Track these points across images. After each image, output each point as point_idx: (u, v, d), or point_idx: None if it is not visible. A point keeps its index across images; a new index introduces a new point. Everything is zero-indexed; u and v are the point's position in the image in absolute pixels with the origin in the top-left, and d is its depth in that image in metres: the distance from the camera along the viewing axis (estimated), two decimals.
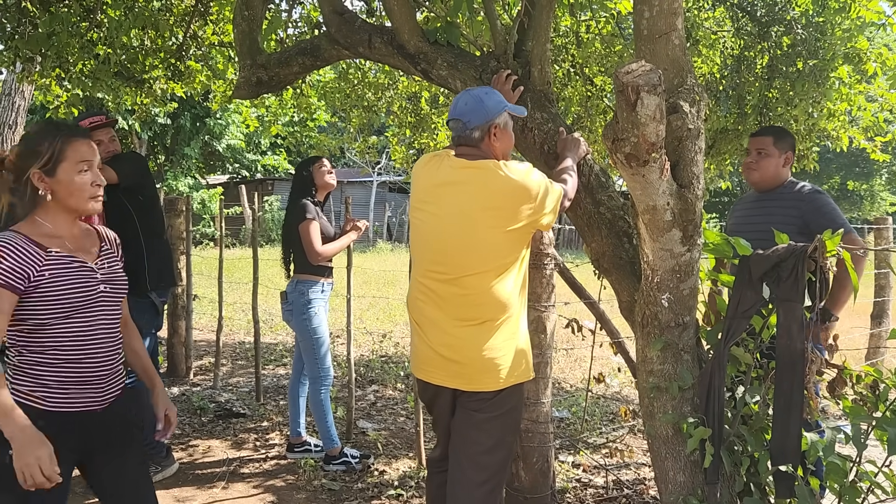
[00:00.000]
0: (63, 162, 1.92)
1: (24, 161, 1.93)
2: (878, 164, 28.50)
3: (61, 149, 1.91)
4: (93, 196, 1.96)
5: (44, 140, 1.92)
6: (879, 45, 5.43)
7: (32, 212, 1.94)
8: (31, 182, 1.91)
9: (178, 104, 14.28)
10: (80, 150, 1.94)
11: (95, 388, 1.97)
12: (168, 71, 5.96)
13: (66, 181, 1.92)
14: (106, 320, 1.99)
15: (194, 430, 4.58)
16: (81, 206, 1.95)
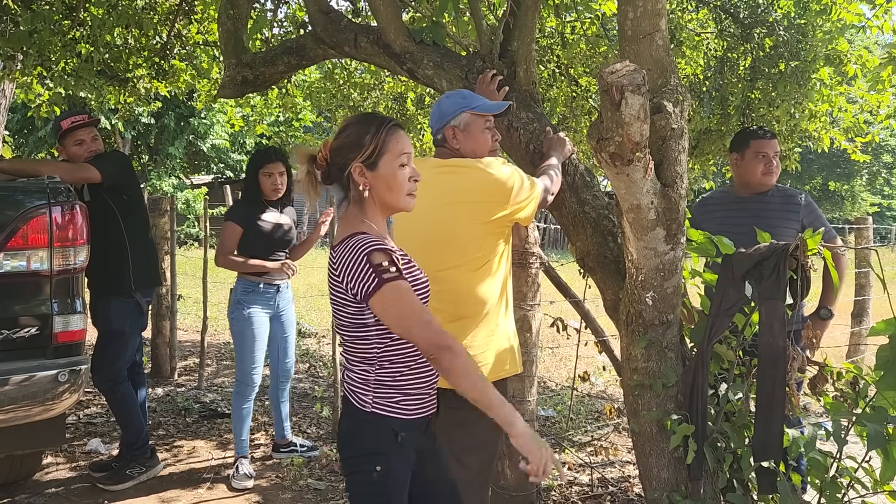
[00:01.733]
0: (385, 154, 1.78)
1: (343, 155, 1.79)
2: (859, 165, 28.84)
3: (385, 140, 1.78)
4: (410, 192, 1.82)
5: (366, 132, 1.78)
6: (859, 48, 5.50)
7: (358, 212, 1.81)
8: (351, 177, 1.79)
9: (162, 103, 14.18)
10: (401, 142, 1.80)
11: (434, 391, 1.89)
12: (152, 70, 5.92)
13: (387, 175, 1.78)
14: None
15: (179, 431, 4.55)
16: (400, 203, 1.82)
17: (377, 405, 1.78)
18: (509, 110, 2.45)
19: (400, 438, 1.77)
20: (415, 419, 1.82)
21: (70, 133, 3.59)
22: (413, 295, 1.70)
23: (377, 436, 1.78)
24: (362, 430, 1.80)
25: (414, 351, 1.79)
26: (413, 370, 1.81)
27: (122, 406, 3.61)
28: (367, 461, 1.76)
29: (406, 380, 1.81)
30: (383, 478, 1.76)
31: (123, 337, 3.61)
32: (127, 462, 3.65)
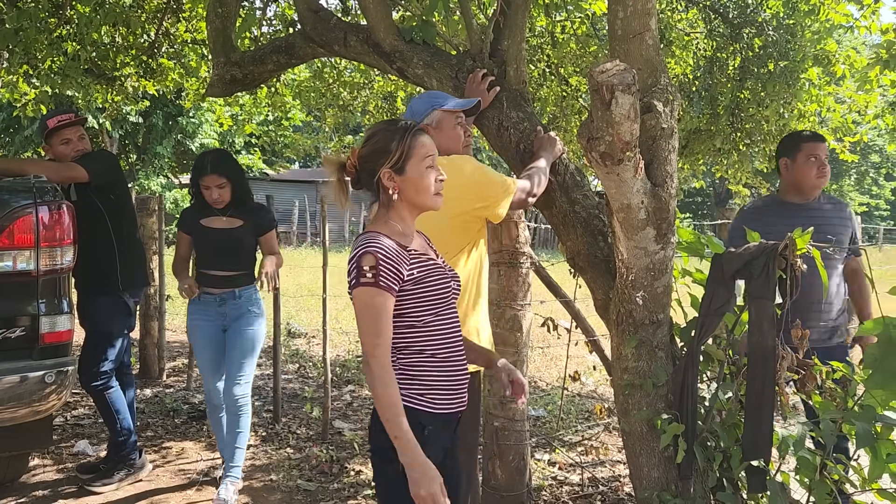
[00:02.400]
0: (412, 158, 1.87)
1: (372, 161, 1.89)
2: (847, 165, 29.06)
3: (411, 145, 1.87)
4: (437, 192, 1.91)
5: (392, 138, 1.88)
6: (847, 48, 5.53)
7: (385, 213, 1.90)
8: (381, 182, 1.88)
9: (150, 102, 14.11)
10: (425, 145, 1.90)
11: (463, 388, 1.94)
12: (140, 68, 5.88)
13: (414, 178, 1.88)
14: (458, 318, 1.96)
15: (167, 432, 4.52)
16: (428, 202, 1.91)
17: (405, 398, 1.81)
18: (479, 107, 2.50)
19: (427, 432, 1.81)
20: (440, 414, 1.87)
21: (56, 132, 3.56)
22: (377, 305, 1.77)
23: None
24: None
25: (439, 343, 1.87)
26: (438, 363, 1.87)
27: (110, 407, 3.58)
28: (393, 453, 1.79)
29: (430, 372, 1.86)
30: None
31: (111, 337, 3.58)
32: (115, 463, 3.63)
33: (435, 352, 1.87)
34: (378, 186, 1.89)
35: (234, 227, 3.44)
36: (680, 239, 2.48)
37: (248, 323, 3.45)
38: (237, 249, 3.45)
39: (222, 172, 3.34)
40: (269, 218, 3.61)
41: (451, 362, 1.90)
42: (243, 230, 3.45)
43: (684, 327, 2.47)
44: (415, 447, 1.74)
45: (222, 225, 3.43)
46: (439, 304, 1.87)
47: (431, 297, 1.85)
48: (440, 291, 1.87)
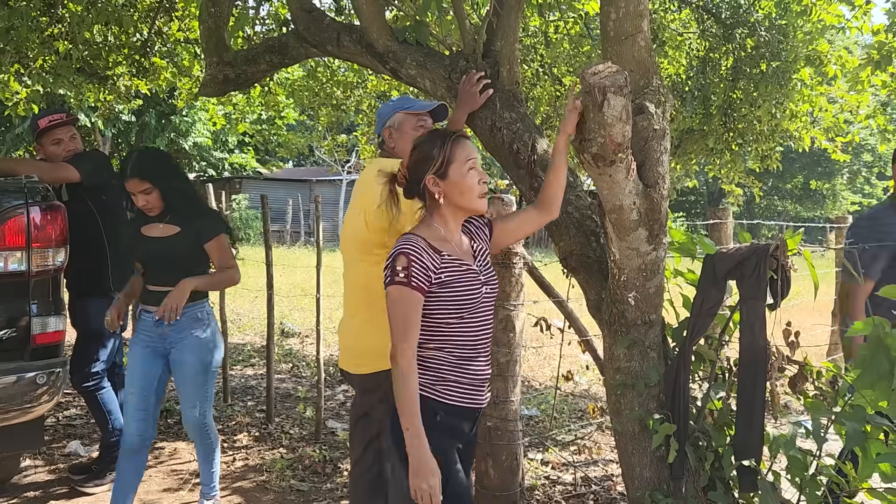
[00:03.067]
0: (454, 163, 1.98)
1: (418, 170, 2.01)
2: (840, 164, 29.18)
3: (451, 150, 1.98)
4: (481, 193, 2.01)
5: (434, 145, 2.00)
6: (839, 48, 5.56)
7: (430, 217, 2.03)
8: (426, 188, 2.00)
9: (142, 101, 14.07)
10: (465, 150, 2.00)
11: (482, 387, 2.04)
12: (132, 67, 5.87)
13: (457, 181, 1.98)
14: (488, 321, 2.05)
15: (160, 433, 4.51)
16: (472, 205, 2.02)
17: (422, 387, 1.92)
18: (444, 111, 2.54)
19: (438, 418, 1.94)
20: (455, 407, 1.97)
21: (48, 132, 3.55)
22: (406, 303, 1.89)
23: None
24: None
25: (462, 344, 1.97)
26: (457, 361, 1.98)
27: (102, 408, 3.57)
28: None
29: (448, 369, 1.97)
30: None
31: (103, 338, 3.57)
32: (107, 464, 3.61)
33: (456, 351, 1.98)
34: (425, 193, 2.02)
35: (169, 235, 2.98)
36: (672, 239, 2.48)
37: (188, 349, 2.97)
38: (173, 261, 2.97)
39: (144, 176, 2.89)
40: (212, 223, 3.07)
41: (472, 362, 2.00)
42: (180, 238, 2.97)
43: (676, 327, 2.48)
44: (422, 442, 1.85)
45: (158, 233, 2.99)
46: (466, 307, 1.96)
47: (458, 300, 1.95)
48: (468, 296, 1.96)
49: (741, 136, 5.20)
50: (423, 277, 1.89)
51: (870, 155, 29.48)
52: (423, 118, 2.50)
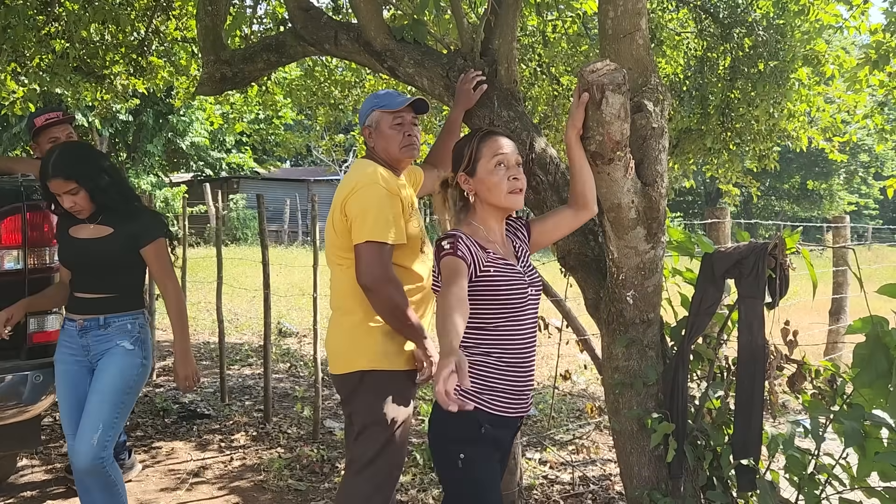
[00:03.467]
0: (481, 159, 1.96)
1: (454, 169, 2.02)
2: (837, 165, 29.21)
3: (478, 147, 1.97)
4: (511, 190, 1.95)
5: (465, 144, 2.00)
6: (837, 48, 5.56)
7: (469, 216, 2.01)
8: (459, 186, 2.01)
9: (140, 101, 14.04)
10: (493, 145, 1.97)
11: (528, 394, 1.99)
12: (129, 66, 5.85)
13: (483, 177, 1.95)
14: (533, 326, 2.00)
15: (157, 432, 4.50)
16: (502, 201, 1.96)
17: (464, 394, 1.85)
18: (421, 104, 2.43)
19: (483, 430, 1.88)
20: (501, 417, 1.92)
21: (44, 130, 3.53)
22: (455, 265, 1.82)
23: (460, 424, 1.87)
24: (446, 420, 1.89)
25: (507, 347, 1.92)
26: (503, 366, 1.92)
27: None
28: (451, 450, 1.89)
29: (493, 375, 1.91)
30: (469, 466, 1.87)
31: None
32: None
33: (504, 356, 1.92)
34: (460, 192, 2.01)
35: (100, 237, 2.66)
36: (670, 238, 2.48)
37: (111, 360, 2.60)
38: (101, 265, 2.66)
39: (68, 176, 2.56)
40: (149, 225, 2.73)
41: (519, 368, 1.94)
42: (111, 241, 2.65)
43: (675, 326, 2.48)
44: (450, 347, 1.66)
45: (88, 234, 2.67)
46: (513, 308, 1.91)
47: (504, 300, 1.90)
48: (514, 296, 1.91)
49: (739, 135, 5.20)
50: (469, 254, 1.85)
51: (867, 155, 29.53)
52: (399, 115, 2.40)
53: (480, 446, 1.87)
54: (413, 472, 3.76)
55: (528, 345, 1.97)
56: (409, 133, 2.39)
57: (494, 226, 2.00)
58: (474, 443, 1.87)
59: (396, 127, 2.38)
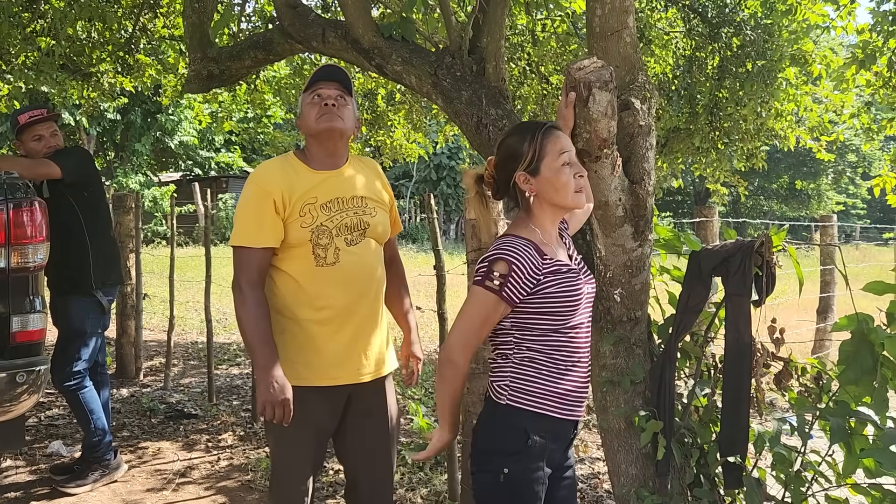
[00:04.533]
0: (546, 157, 1.80)
1: (506, 168, 1.84)
2: (825, 164, 29.40)
3: (542, 144, 1.81)
4: (578, 188, 1.82)
5: (523, 139, 1.82)
6: (824, 48, 5.59)
7: (525, 217, 1.85)
8: (517, 186, 1.83)
9: (127, 99, 13.95)
10: (559, 142, 1.82)
11: (581, 399, 1.87)
12: (116, 64, 5.81)
13: (550, 177, 1.80)
14: (588, 321, 1.89)
15: (144, 432, 4.47)
16: (569, 201, 1.82)
17: (513, 397, 1.77)
18: (331, 70, 2.24)
19: (529, 442, 1.76)
20: (550, 417, 1.79)
21: (28, 128, 3.50)
22: (488, 309, 1.75)
23: (506, 434, 1.77)
24: (493, 426, 1.80)
25: (559, 343, 1.80)
26: (555, 364, 1.80)
27: (84, 407, 3.53)
28: (494, 461, 1.77)
29: (545, 371, 1.79)
30: (511, 482, 1.75)
31: (84, 337, 3.52)
32: (89, 464, 3.57)
33: (555, 352, 1.81)
34: (516, 192, 1.85)
35: None
36: (657, 236, 2.48)
37: None
38: None
39: None
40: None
41: (572, 370, 1.83)
42: None
43: (662, 324, 2.47)
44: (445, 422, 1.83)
45: None
46: (569, 311, 1.80)
47: (561, 305, 1.79)
48: (571, 299, 1.80)
49: (727, 135, 5.22)
50: (518, 291, 1.74)
51: (854, 155, 29.74)
52: (313, 91, 2.18)
53: (527, 462, 1.76)
54: (402, 472, 3.75)
55: (584, 345, 1.86)
56: (326, 103, 2.15)
57: (550, 228, 1.86)
58: (520, 456, 1.75)
59: (314, 101, 2.18)
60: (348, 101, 2.22)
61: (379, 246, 2.28)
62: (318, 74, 2.22)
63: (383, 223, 2.27)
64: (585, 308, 1.88)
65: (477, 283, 1.76)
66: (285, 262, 2.15)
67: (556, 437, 1.83)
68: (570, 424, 1.87)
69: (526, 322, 1.80)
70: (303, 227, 2.10)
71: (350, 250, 2.15)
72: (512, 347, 1.81)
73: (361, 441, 2.28)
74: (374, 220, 2.22)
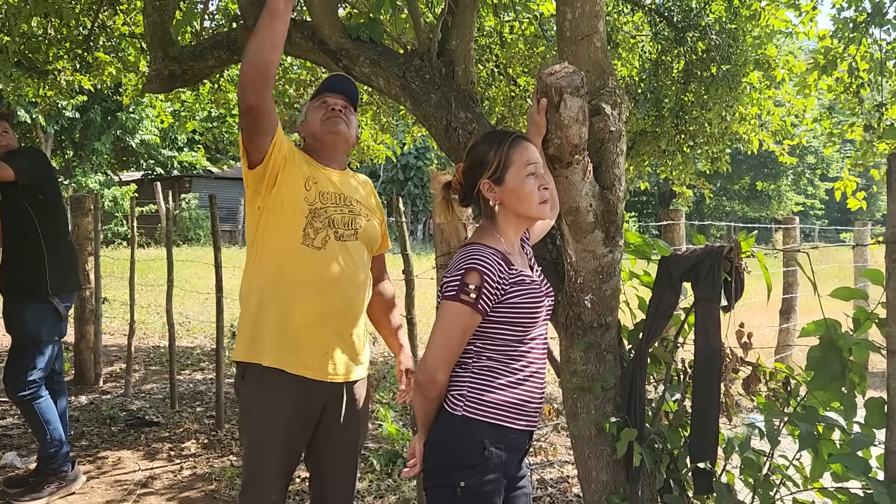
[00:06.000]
0: (511, 167, 1.81)
1: (472, 174, 1.85)
2: (785, 166, 30.02)
3: (508, 153, 1.81)
4: (542, 200, 1.83)
5: (490, 148, 1.83)
6: (786, 53, 5.68)
7: (490, 225, 1.85)
8: (481, 194, 1.84)
9: (87, 97, 13.61)
10: (525, 153, 1.82)
11: (538, 408, 1.87)
12: (74, 62, 5.65)
13: (514, 187, 1.81)
14: (545, 332, 1.89)
15: (103, 441, 4.35)
16: (532, 212, 1.83)
17: (469, 407, 1.76)
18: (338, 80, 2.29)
19: (486, 453, 1.75)
20: (507, 427, 1.78)
21: None
22: (466, 326, 1.74)
23: (463, 446, 1.76)
24: (449, 438, 1.78)
25: (518, 354, 1.80)
26: (513, 374, 1.80)
27: (39, 418, 3.41)
28: (450, 475, 1.75)
29: (504, 381, 1.79)
30: (468, 495, 1.73)
31: (40, 345, 3.40)
32: (45, 476, 3.46)
33: (514, 363, 1.81)
34: (480, 199, 1.86)
35: None
36: (627, 242, 2.47)
37: None
38: None
39: None
40: None
41: (529, 380, 1.83)
42: None
43: (632, 330, 2.47)
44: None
45: None
46: (528, 321, 1.81)
47: (523, 316, 1.79)
48: (532, 310, 1.81)
49: (692, 138, 5.27)
50: (490, 300, 1.74)
51: (813, 157, 30.42)
52: (322, 98, 2.25)
53: (484, 474, 1.74)
54: (370, 479, 3.70)
55: (541, 355, 1.87)
56: (333, 108, 2.22)
57: (514, 237, 1.87)
58: (477, 469, 1.74)
59: (320, 106, 2.24)
60: (352, 114, 2.28)
61: (368, 254, 2.28)
62: (326, 83, 2.26)
63: (375, 232, 2.30)
64: (545, 321, 1.89)
65: (451, 297, 1.74)
66: (274, 233, 2.13)
67: (513, 447, 1.83)
68: (527, 435, 1.88)
69: (488, 332, 1.79)
70: (306, 201, 2.12)
71: (339, 244, 2.16)
72: (472, 356, 1.80)
73: (331, 444, 2.25)
74: (367, 226, 2.25)
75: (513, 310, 1.78)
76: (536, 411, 1.86)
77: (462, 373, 1.80)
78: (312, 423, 2.19)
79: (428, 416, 1.81)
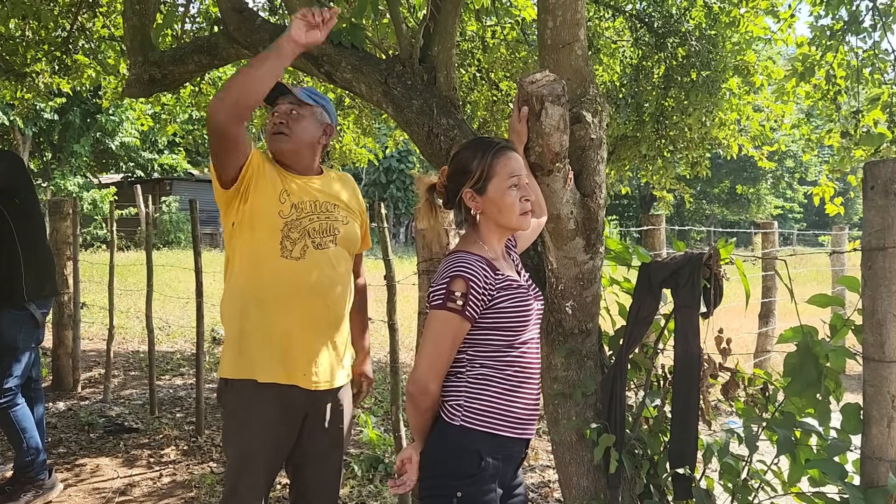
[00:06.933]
0: (493, 178, 1.81)
1: (455, 181, 1.86)
2: (764, 170, 30.33)
3: (491, 164, 1.81)
4: (523, 211, 1.83)
5: (474, 157, 1.83)
6: (765, 59, 5.75)
7: (472, 233, 1.86)
8: (463, 202, 1.85)
9: (66, 99, 13.47)
10: (509, 164, 1.82)
11: (534, 416, 1.85)
12: (53, 64, 5.59)
13: (496, 198, 1.81)
14: (537, 337, 1.89)
15: (81, 448, 4.29)
16: (513, 223, 1.83)
17: (467, 418, 1.75)
18: (278, 85, 2.22)
19: (483, 464, 1.74)
20: (504, 437, 1.78)
21: None
22: (455, 334, 1.74)
23: (460, 457, 1.74)
24: (446, 449, 1.76)
25: (511, 360, 1.80)
26: (508, 381, 1.80)
27: (15, 426, 3.36)
28: (447, 485, 1.74)
29: (499, 389, 1.78)
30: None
31: (16, 352, 3.35)
32: (21, 485, 3.41)
33: (509, 370, 1.80)
34: (461, 206, 1.87)
35: None
36: (608, 248, 2.49)
37: None
38: None
39: None
40: None
41: (524, 387, 1.82)
42: None
43: (613, 336, 2.48)
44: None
45: None
46: (518, 326, 1.80)
47: (512, 322, 1.79)
48: (521, 315, 1.81)
49: (672, 143, 5.32)
50: (478, 306, 1.73)
51: (792, 161, 30.77)
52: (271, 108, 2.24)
53: (481, 484, 1.73)
54: (351, 485, 3.69)
55: (534, 361, 1.86)
56: (274, 122, 2.22)
57: (497, 245, 1.87)
58: (474, 480, 1.73)
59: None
60: (304, 113, 2.22)
61: (349, 256, 2.29)
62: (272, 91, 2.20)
63: (354, 234, 2.29)
64: (535, 324, 1.89)
65: (437, 306, 1.73)
66: (252, 247, 2.13)
67: (509, 457, 1.82)
68: (523, 444, 1.87)
69: (479, 339, 1.79)
70: (280, 215, 2.11)
71: (319, 252, 2.16)
72: (465, 365, 1.80)
73: (313, 450, 2.24)
74: (346, 229, 2.24)
75: (502, 314, 1.78)
76: (532, 418, 1.85)
77: (457, 382, 1.79)
78: (297, 430, 2.19)
79: (422, 427, 1.80)
